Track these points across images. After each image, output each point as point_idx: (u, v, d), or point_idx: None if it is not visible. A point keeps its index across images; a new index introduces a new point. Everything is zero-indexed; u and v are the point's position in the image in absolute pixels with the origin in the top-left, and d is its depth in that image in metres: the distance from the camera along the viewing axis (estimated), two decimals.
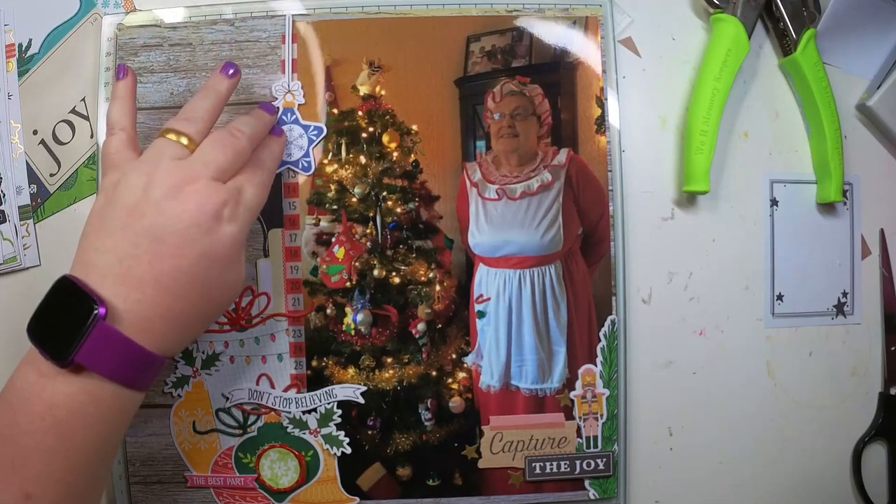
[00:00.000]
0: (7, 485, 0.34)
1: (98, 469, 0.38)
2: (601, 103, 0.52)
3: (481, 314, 0.52)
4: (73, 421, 0.35)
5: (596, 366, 0.52)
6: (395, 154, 0.52)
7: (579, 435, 0.52)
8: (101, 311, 0.35)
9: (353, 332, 0.51)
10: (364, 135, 0.51)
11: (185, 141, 0.39)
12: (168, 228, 0.37)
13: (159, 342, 0.37)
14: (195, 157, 0.39)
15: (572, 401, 0.52)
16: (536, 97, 0.52)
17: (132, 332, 0.36)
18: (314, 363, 0.51)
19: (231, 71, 0.43)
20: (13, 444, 0.35)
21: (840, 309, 0.55)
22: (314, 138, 0.51)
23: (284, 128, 0.50)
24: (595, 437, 0.52)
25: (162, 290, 0.36)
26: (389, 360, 0.52)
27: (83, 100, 0.52)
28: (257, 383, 0.51)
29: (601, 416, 0.52)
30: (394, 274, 0.52)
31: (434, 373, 0.52)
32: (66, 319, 0.35)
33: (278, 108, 0.50)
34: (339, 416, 0.51)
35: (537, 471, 0.52)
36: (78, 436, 0.36)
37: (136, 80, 0.44)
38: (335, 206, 0.51)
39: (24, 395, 0.36)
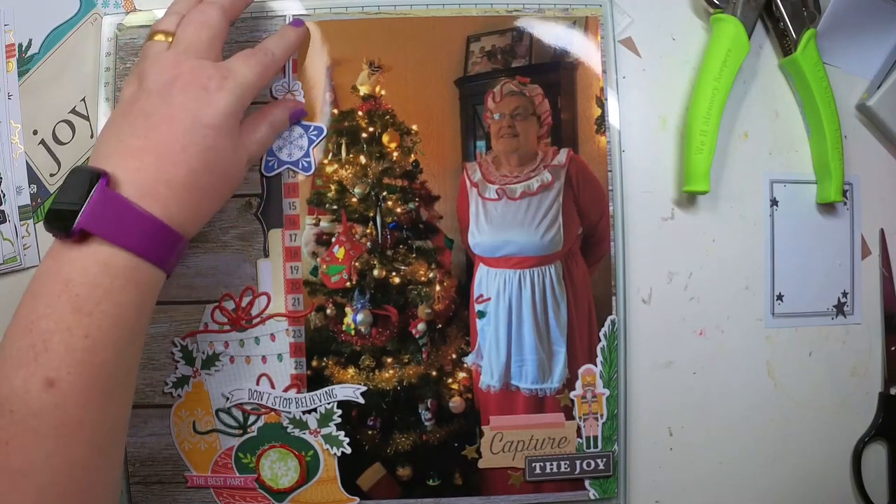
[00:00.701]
0: (29, 374, 0.34)
1: (123, 351, 0.38)
2: (601, 103, 0.52)
3: (481, 314, 0.52)
4: (88, 294, 0.36)
5: (596, 366, 0.52)
6: (395, 154, 0.51)
7: (579, 435, 0.52)
8: (103, 180, 0.37)
9: (353, 332, 0.51)
10: (364, 135, 0.51)
11: (168, 38, 0.43)
12: (158, 102, 0.40)
13: (165, 210, 0.38)
14: (174, 44, 0.42)
15: (572, 401, 0.52)
16: (536, 97, 0.52)
17: (135, 197, 0.37)
18: (314, 363, 0.51)
19: None
20: (33, 331, 0.35)
21: (840, 309, 0.55)
22: (314, 138, 0.51)
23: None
24: (595, 437, 0.52)
25: (159, 156, 0.38)
26: (389, 360, 0.52)
27: (83, 100, 0.52)
28: (257, 383, 0.51)
29: (601, 416, 0.52)
30: (394, 274, 0.51)
31: (434, 373, 0.52)
32: (72, 198, 0.37)
33: None
34: (339, 416, 0.51)
35: (537, 471, 0.52)
36: (96, 310, 0.36)
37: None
38: (335, 206, 0.51)
39: (43, 279, 0.37)
